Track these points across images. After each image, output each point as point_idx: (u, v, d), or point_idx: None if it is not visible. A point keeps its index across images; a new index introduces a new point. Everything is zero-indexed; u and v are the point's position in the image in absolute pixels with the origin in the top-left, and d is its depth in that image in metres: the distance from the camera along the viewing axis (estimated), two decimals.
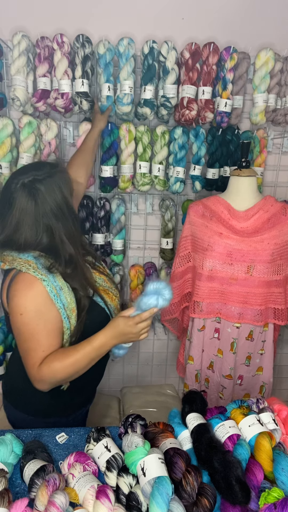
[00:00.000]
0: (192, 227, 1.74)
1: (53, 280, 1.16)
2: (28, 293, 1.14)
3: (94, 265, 1.39)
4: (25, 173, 1.18)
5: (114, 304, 1.37)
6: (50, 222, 1.17)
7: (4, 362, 2.12)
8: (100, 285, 1.35)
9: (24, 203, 1.14)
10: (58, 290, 1.16)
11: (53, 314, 1.16)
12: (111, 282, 1.42)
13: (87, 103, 1.74)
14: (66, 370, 1.13)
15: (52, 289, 1.15)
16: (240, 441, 1.01)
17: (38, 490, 0.84)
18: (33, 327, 1.14)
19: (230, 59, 1.78)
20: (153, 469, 0.88)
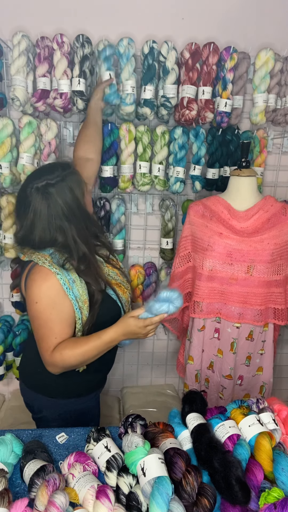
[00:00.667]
0: (192, 227, 1.74)
1: (67, 273, 1.27)
2: (43, 284, 1.25)
3: (108, 259, 1.48)
4: (38, 177, 1.28)
5: (125, 297, 1.46)
6: (62, 223, 1.27)
7: (4, 362, 2.12)
8: (113, 278, 1.44)
9: (38, 206, 1.25)
10: (71, 283, 1.27)
11: (66, 305, 1.26)
12: (123, 276, 1.51)
13: (82, 102, 1.74)
14: (75, 358, 1.24)
15: (65, 282, 1.25)
16: (240, 441, 1.00)
17: (38, 490, 0.84)
18: (47, 316, 1.25)
19: (230, 59, 1.78)
20: (153, 469, 0.88)
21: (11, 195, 1.90)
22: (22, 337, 2.11)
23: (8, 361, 2.15)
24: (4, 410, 2.23)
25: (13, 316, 2.22)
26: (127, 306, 1.47)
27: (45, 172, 1.31)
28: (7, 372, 2.17)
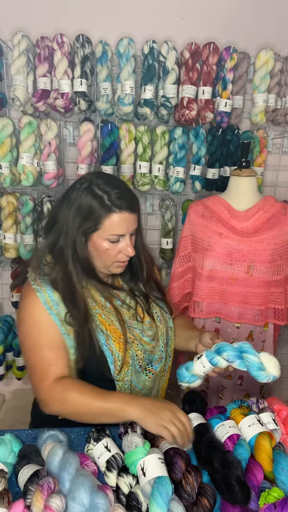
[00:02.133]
0: (192, 227, 1.74)
1: (50, 293, 1.12)
2: (26, 300, 1.13)
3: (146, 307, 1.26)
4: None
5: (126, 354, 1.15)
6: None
7: (4, 362, 2.12)
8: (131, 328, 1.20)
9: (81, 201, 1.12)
10: (53, 303, 1.11)
11: (52, 326, 1.11)
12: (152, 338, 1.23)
13: (84, 103, 1.74)
14: (79, 405, 1.05)
15: (46, 300, 1.11)
16: (240, 441, 1.00)
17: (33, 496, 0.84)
18: (33, 339, 1.11)
19: (230, 59, 1.78)
20: (153, 469, 0.88)
21: (11, 195, 1.90)
22: None
23: (8, 361, 2.15)
24: (4, 410, 2.23)
25: (13, 316, 2.22)
26: (124, 370, 1.15)
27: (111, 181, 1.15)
28: (7, 372, 2.17)
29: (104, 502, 0.80)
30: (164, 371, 1.30)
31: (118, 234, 1.11)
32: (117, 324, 1.16)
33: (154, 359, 1.24)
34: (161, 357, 1.25)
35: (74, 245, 1.12)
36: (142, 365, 1.21)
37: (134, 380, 1.19)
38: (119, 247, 1.13)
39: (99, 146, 1.91)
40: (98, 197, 1.09)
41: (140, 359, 1.20)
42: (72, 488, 0.83)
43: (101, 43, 1.76)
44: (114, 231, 1.10)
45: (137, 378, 1.20)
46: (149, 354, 1.22)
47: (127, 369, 1.16)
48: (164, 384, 1.33)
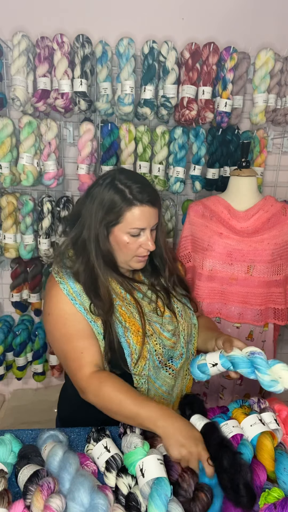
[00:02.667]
0: (192, 227, 1.74)
1: (72, 284, 1.14)
2: (50, 293, 1.16)
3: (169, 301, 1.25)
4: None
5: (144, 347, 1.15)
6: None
7: (4, 362, 2.12)
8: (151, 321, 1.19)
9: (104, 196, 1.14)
10: (76, 294, 1.13)
11: (77, 315, 1.13)
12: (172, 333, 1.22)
13: (85, 103, 1.74)
14: (110, 400, 1.04)
15: (68, 292, 1.13)
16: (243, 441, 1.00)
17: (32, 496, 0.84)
18: (62, 330, 1.13)
19: (230, 59, 1.78)
20: (152, 470, 0.88)
21: (11, 195, 1.90)
22: (22, 337, 2.11)
23: (8, 361, 2.15)
24: (4, 410, 2.23)
25: (13, 316, 2.22)
26: (141, 363, 1.15)
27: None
28: (7, 372, 2.17)
29: (104, 502, 0.80)
30: (186, 368, 1.30)
31: (139, 227, 1.12)
32: (137, 316, 1.17)
33: (175, 355, 1.23)
34: (181, 353, 1.24)
35: (96, 238, 1.14)
36: (162, 361, 1.20)
37: (153, 375, 1.19)
38: (139, 241, 1.14)
39: (99, 146, 1.91)
40: (120, 191, 1.11)
41: (159, 354, 1.19)
42: (72, 488, 0.83)
43: (101, 43, 1.76)
44: (135, 224, 1.11)
45: (156, 373, 1.20)
46: (169, 349, 1.21)
47: (144, 363, 1.16)
48: (188, 383, 1.32)
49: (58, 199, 1.95)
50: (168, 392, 1.25)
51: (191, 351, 1.30)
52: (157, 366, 1.20)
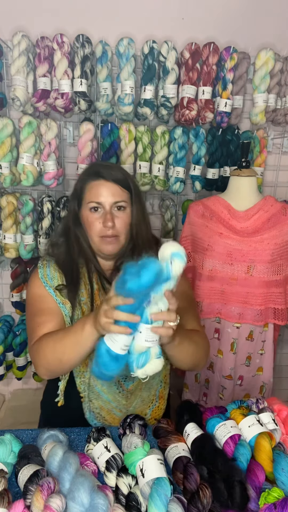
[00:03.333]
0: (192, 227, 1.74)
1: (48, 269, 1.21)
2: (30, 279, 1.25)
3: None
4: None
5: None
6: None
7: (4, 362, 2.12)
8: None
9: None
10: (49, 278, 1.20)
11: (46, 297, 1.18)
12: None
13: (85, 103, 1.74)
14: (48, 345, 1.06)
15: (43, 275, 1.20)
16: (241, 441, 1.00)
17: (33, 496, 0.84)
18: (29, 310, 1.20)
19: (230, 59, 1.78)
20: (152, 470, 0.88)
21: (11, 195, 1.90)
22: (22, 337, 2.11)
23: (8, 361, 2.15)
24: (4, 410, 2.23)
25: (13, 316, 2.22)
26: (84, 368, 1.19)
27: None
28: (7, 372, 2.17)
29: (104, 502, 0.80)
30: (153, 394, 1.25)
31: (94, 201, 1.16)
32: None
33: (129, 375, 1.08)
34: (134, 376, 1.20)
35: (71, 217, 1.22)
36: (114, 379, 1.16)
37: (98, 386, 1.17)
38: (100, 219, 1.17)
39: (99, 146, 1.91)
40: (87, 170, 1.22)
41: None
42: (72, 488, 0.83)
43: (101, 43, 1.76)
44: (92, 197, 1.16)
45: (102, 385, 1.17)
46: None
47: (85, 369, 1.18)
48: (157, 410, 1.26)
49: (58, 199, 1.95)
50: (120, 409, 1.21)
51: (159, 378, 1.25)
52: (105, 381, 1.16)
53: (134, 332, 0.86)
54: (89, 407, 1.20)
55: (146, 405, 1.25)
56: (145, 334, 0.86)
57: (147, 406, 1.25)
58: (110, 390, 1.19)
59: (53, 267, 1.22)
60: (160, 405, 1.27)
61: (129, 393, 1.20)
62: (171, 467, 0.97)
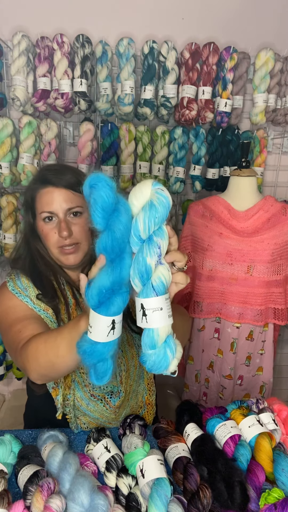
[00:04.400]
0: (192, 227, 1.74)
1: (18, 281, 1.13)
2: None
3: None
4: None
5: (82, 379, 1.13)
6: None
7: (4, 362, 2.12)
8: None
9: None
10: (22, 289, 1.11)
11: (20, 306, 1.09)
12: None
13: (84, 103, 1.74)
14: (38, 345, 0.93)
15: (14, 287, 1.11)
16: (242, 441, 1.00)
17: (32, 497, 0.84)
18: (5, 323, 1.09)
19: (230, 59, 1.78)
20: (152, 470, 0.88)
21: (11, 195, 1.90)
22: None
23: (8, 361, 2.15)
24: (4, 410, 2.23)
25: None
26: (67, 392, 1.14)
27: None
28: (7, 372, 2.17)
29: (104, 503, 0.80)
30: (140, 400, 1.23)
31: (46, 210, 1.07)
32: None
33: (115, 391, 1.16)
34: (118, 391, 1.16)
35: (27, 230, 1.15)
36: (95, 395, 1.14)
37: (84, 407, 1.14)
38: (55, 228, 1.08)
39: (99, 146, 1.91)
40: (35, 175, 1.13)
41: (88, 385, 1.13)
42: (72, 489, 0.83)
43: (101, 43, 1.76)
44: (43, 207, 1.08)
45: (88, 405, 1.14)
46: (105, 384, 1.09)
47: (68, 392, 1.12)
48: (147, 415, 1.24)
49: None
50: (109, 422, 1.19)
51: (143, 386, 1.23)
52: (89, 399, 1.14)
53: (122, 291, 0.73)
54: (77, 425, 1.15)
55: (136, 411, 1.23)
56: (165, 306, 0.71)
57: (136, 412, 1.23)
58: (96, 408, 1.15)
59: (23, 278, 1.13)
60: (148, 410, 1.25)
61: (116, 408, 1.17)
62: (171, 467, 0.97)
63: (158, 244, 0.71)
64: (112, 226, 0.69)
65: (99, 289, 0.70)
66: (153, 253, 0.70)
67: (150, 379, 1.26)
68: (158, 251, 0.71)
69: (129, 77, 1.74)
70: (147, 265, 0.70)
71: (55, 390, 1.13)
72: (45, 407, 1.17)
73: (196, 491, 0.87)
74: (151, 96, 1.77)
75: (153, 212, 0.70)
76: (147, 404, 1.25)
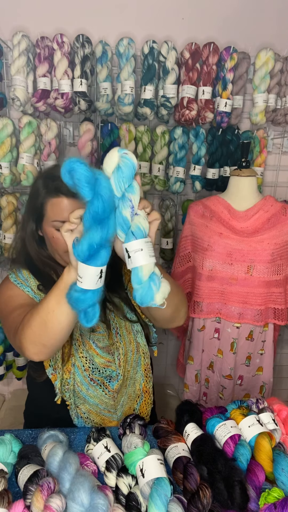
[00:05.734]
0: (192, 227, 1.74)
1: (20, 273, 1.20)
2: (1, 285, 1.22)
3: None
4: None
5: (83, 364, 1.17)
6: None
7: (4, 362, 2.12)
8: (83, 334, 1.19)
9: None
10: (23, 279, 1.19)
11: (21, 296, 1.15)
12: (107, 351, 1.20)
13: (84, 103, 1.74)
14: (35, 311, 0.97)
15: (16, 279, 1.19)
16: (241, 441, 1.00)
17: (32, 496, 0.84)
18: (5, 309, 1.14)
19: (230, 59, 1.78)
20: (152, 470, 0.88)
21: (11, 195, 1.90)
22: None
23: (8, 361, 2.15)
24: (4, 410, 2.23)
25: None
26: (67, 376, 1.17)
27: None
28: (7, 372, 2.17)
29: (104, 502, 0.80)
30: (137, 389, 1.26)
31: (59, 220, 1.10)
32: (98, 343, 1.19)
33: (113, 375, 1.20)
34: (117, 375, 1.20)
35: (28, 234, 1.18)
36: (95, 379, 1.18)
37: (84, 391, 1.18)
38: None
39: (99, 146, 1.91)
40: (45, 182, 1.13)
41: (88, 370, 1.17)
42: (72, 488, 0.83)
43: (101, 43, 1.76)
44: (55, 217, 1.11)
45: (87, 390, 1.18)
46: (104, 368, 1.19)
47: (68, 376, 1.16)
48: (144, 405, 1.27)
49: None
50: (108, 410, 1.22)
51: (140, 372, 1.27)
52: (89, 383, 1.18)
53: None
54: (77, 413, 1.19)
55: (134, 401, 1.26)
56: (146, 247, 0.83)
57: (134, 401, 1.26)
58: (95, 393, 1.19)
59: (25, 271, 1.21)
60: (146, 399, 1.28)
61: (115, 393, 1.21)
62: (171, 467, 0.97)
63: (129, 198, 0.82)
64: (99, 192, 0.79)
65: (89, 245, 0.80)
66: (127, 206, 0.82)
67: (147, 365, 1.28)
68: (131, 204, 0.83)
69: (129, 77, 1.74)
70: (123, 217, 0.82)
71: (54, 375, 1.16)
72: (45, 399, 1.20)
73: (196, 490, 0.87)
74: (151, 96, 1.77)
75: (120, 173, 0.81)
76: (144, 392, 1.27)
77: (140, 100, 1.78)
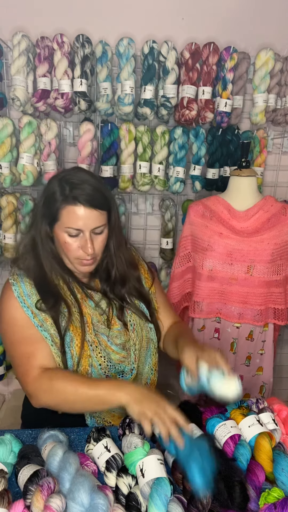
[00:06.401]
0: (192, 227, 1.74)
1: (23, 286, 1.14)
2: (3, 296, 1.16)
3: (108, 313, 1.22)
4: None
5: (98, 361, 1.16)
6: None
7: (4, 362, 2.12)
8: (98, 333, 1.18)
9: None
10: (26, 296, 1.13)
11: (25, 320, 1.12)
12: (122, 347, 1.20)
13: (84, 103, 1.74)
14: (65, 393, 1.03)
15: (19, 294, 1.13)
16: (241, 441, 1.00)
17: (33, 496, 0.84)
18: (11, 337, 1.13)
19: (230, 59, 1.78)
20: (152, 470, 0.88)
21: (11, 195, 1.90)
22: None
23: (8, 361, 2.15)
24: (4, 410, 2.23)
25: None
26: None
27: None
28: (7, 372, 2.17)
29: (104, 502, 0.80)
30: (144, 384, 1.27)
31: (74, 227, 1.09)
32: (80, 328, 1.15)
33: (126, 370, 1.21)
34: (131, 369, 1.21)
35: (41, 237, 1.15)
36: (109, 375, 1.18)
37: None
38: (79, 243, 1.12)
39: (99, 146, 1.91)
40: (62, 187, 1.10)
41: (104, 367, 1.17)
42: (72, 488, 0.83)
43: (101, 43, 1.76)
44: (70, 224, 1.09)
45: None
46: (117, 364, 1.19)
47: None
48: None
49: None
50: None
51: (149, 366, 1.29)
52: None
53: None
54: (91, 413, 1.19)
55: None
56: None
57: None
58: None
59: (27, 282, 1.15)
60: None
61: None
62: (171, 467, 0.97)
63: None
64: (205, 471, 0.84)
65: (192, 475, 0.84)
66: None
67: (156, 359, 1.32)
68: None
69: (129, 77, 1.74)
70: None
71: None
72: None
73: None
74: (151, 96, 1.77)
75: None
76: (151, 385, 1.30)
77: (140, 100, 1.79)
